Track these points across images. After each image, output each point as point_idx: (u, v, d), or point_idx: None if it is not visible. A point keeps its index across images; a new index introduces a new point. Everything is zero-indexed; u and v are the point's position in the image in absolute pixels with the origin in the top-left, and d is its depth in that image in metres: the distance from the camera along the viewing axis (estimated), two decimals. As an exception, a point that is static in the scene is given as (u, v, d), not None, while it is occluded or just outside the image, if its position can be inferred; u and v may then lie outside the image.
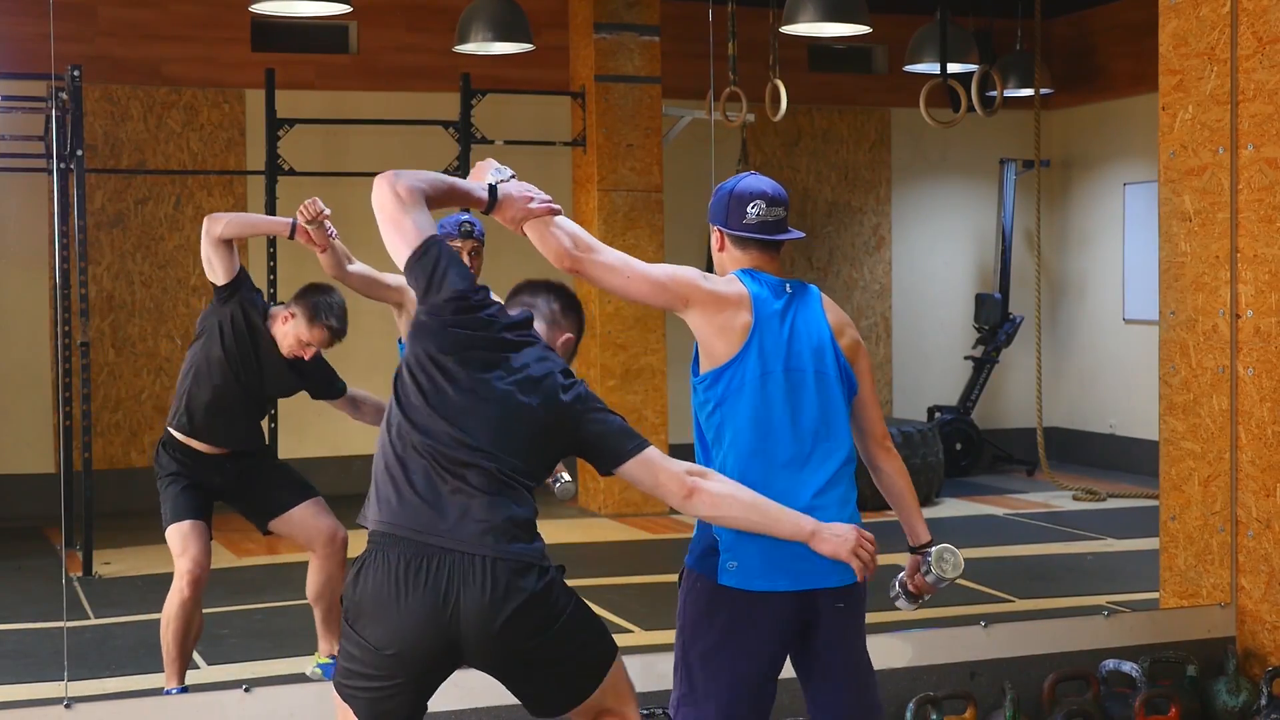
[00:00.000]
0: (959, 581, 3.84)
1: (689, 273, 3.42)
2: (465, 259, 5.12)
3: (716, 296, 3.39)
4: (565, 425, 3.16)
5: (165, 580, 7.25)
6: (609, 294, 3.63)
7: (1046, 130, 10.93)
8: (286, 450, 8.55)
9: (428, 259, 3.18)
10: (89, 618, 6.53)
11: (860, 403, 3.57)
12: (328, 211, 5.09)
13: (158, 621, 5.11)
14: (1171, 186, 5.40)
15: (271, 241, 8.68)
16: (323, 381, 5.28)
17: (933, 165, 11.55)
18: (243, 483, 5.20)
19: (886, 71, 11.34)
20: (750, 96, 8.98)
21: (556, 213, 3.35)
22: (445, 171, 8.99)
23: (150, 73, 9.52)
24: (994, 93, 9.60)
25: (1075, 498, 9.90)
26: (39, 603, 6.60)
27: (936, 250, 11.65)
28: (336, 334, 5.13)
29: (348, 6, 7.23)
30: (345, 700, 3.08)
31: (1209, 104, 5.25)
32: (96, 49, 9.22)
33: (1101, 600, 6.50)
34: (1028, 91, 10.44)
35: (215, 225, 5.05)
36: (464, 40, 8.43)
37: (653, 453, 3.21)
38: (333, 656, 5.14)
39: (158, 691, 5.04)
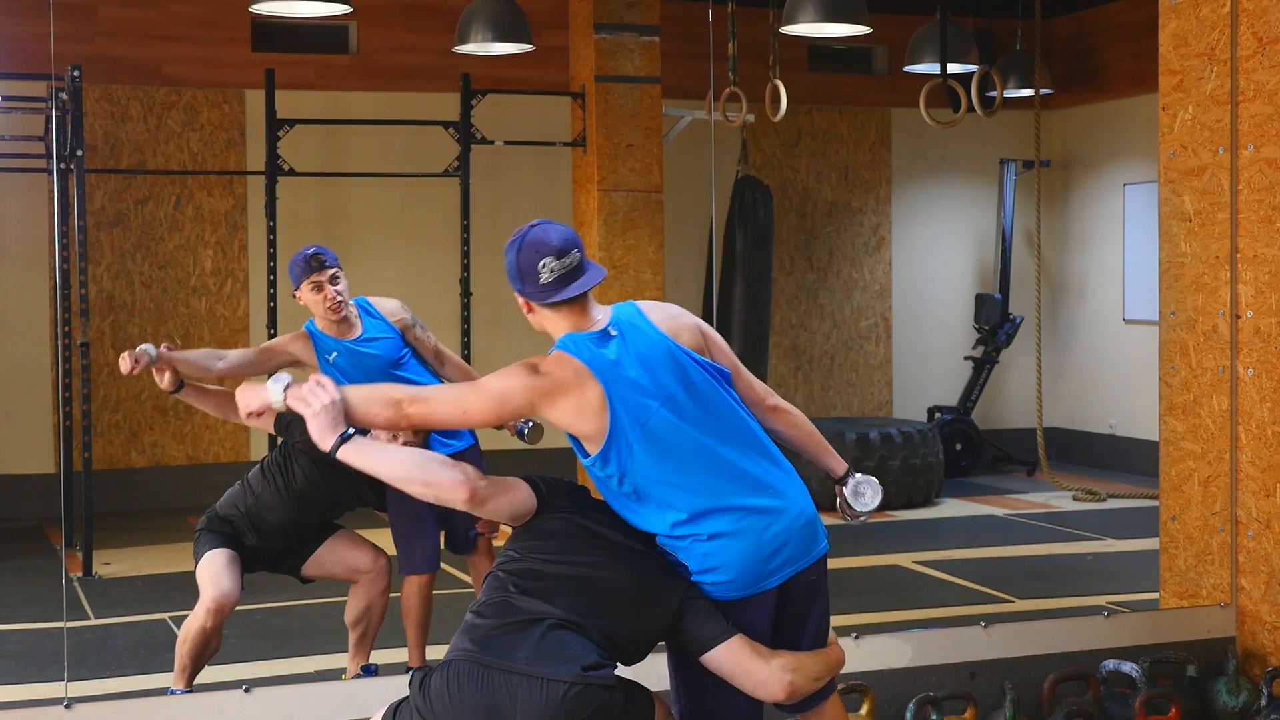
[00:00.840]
0: (959, 581, 3.83)
1: (518, 381, 3.30)
2: (324, 289, 5.00)
3: (555, 387, 3.29)
4: None
5: (165, 580, 7.29)
6: (607, 294, 3.64)
7: (1046, 130, 10.93)
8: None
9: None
10: (89, 618, 6.53)
11: (734, 378, 3.52)
12: (145, 352, 4.83)
13: (158, 622, 5.11)
14: (1171, 187, 5.40)
15: (271, 242, 8.68)
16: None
17: (933, 165, 11.55)
18: (278, 555, 5.10)
19: (886, 71, 11.34)
20: (750, 96, 8.98)
21: (337, 402, 3.24)
22: (445, 171, 9.03)
23: (150, 73, 9.53)
24: (994, 93, 9.60)
25: (1075, 498, 9.90)
26: (39, 603, 6.60)
27: (936, 250, 11.65)
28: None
29: (348, 6, 7.23)
30: None
31: (1209, 104, 5.25)
32: (96, 49, 9.22)
33: (1101, 600, 6.50)
34: (1028, 91, 10.45)
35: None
36: (464, 40, 8.43)
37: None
38: (365, 669, 5.12)
39: (158, 692, 5.03)
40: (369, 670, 5.10)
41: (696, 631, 3.29)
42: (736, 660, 3.28)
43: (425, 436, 4.76)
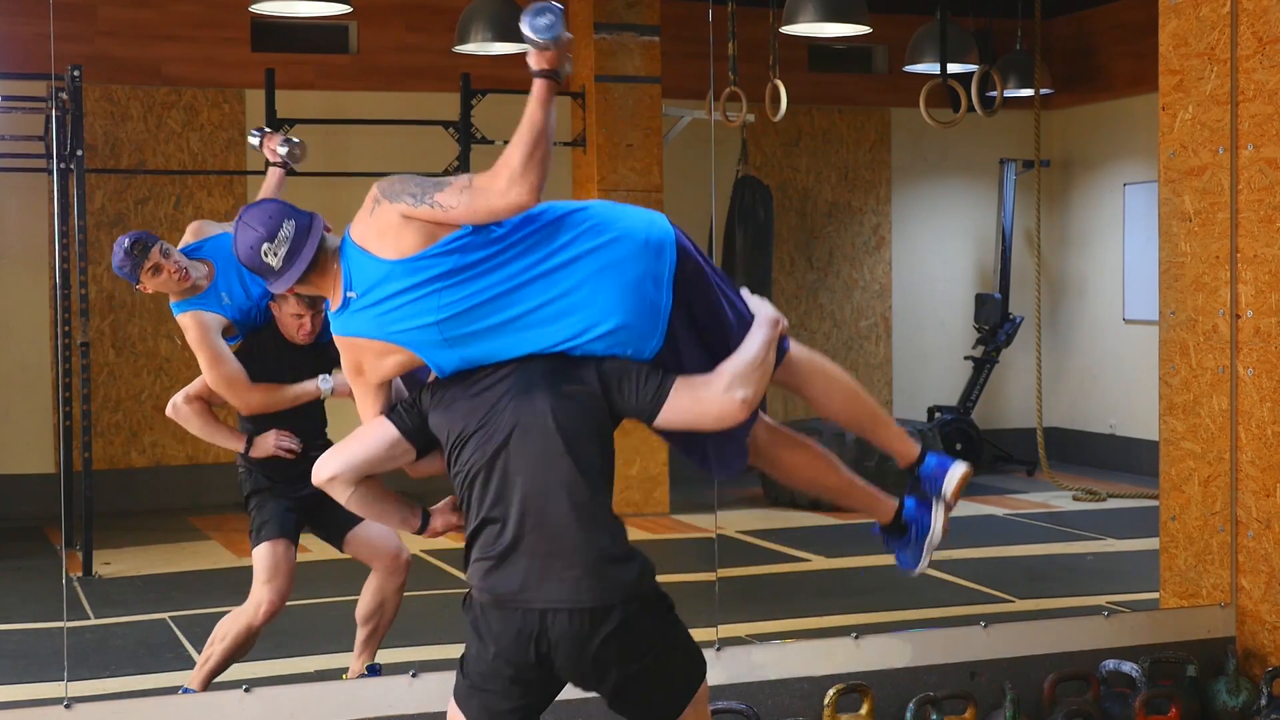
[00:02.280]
0: (959, 581, 3.82)
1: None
2: (164, 267, 4.73)
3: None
4: None
5: (165, 580, 7.29)
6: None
7: (1046, 130, 10.93)
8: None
9: None
10: (89, 618, 6.53)
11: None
12: None
13: (158, 622, 5.11)
14: (1171, 186, 5.40)
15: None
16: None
17: (933, 165, 11.55)
18: (320, 499, 5.07)
19: (886, 71, 11.34)
20: (750, 96, 8.98)
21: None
22: (445, 171, 9.03)
23: (150, 73, 9.52)
24: (994, 93, 9.60)
25: (1075, 498, 9.89)
26: (39, 603, 6.59)
27: (936, 250, 11.65)
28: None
29: (348, 6, 7.23)
30: None
31: (1209, 104, 5.25)
32: (96, 49, 9.22)
33: (1101, 600, 6.50)
34: (1028, 91, 10.44)
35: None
36: (464, 40, 8.42)
37: None
38: (370, 668, 5.10)
39: (158, 692, 5.04)
40: (373, 670, 5.09)
41: (635, 399, 3.18)
42: (685, 406, 3.17)
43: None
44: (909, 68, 9.83)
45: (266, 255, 3.18)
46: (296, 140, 5.09)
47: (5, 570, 7.66)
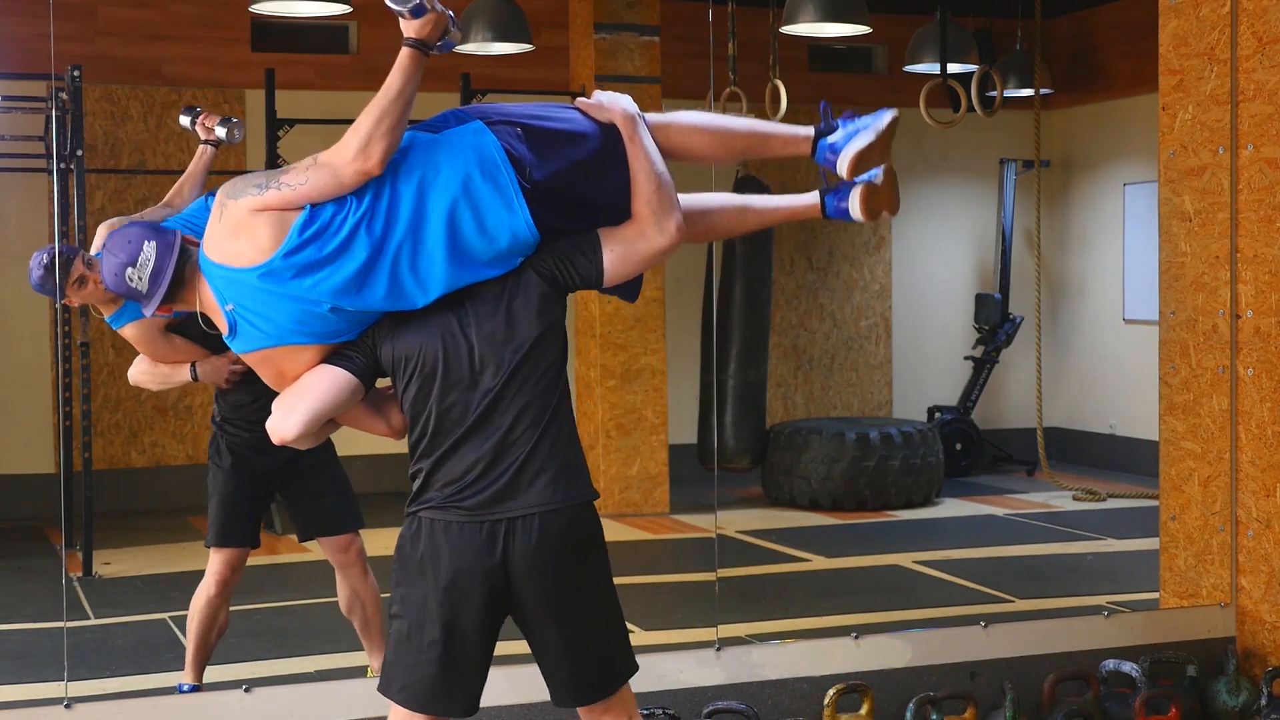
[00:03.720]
0: (959, 581, 3.82)
1: None
2: (88, 282, 4.66)
3: None
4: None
5: (165, 580, 7.29)
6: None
7: (1046, 130, 10.93)
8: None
9: None
10: (89, 618, 6.53)
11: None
12: None
13: (158, 622, 5.12)
14: (1171, 186, 5.40)
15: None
16: None
17: (933, 165, 11.55)
18: (294, 474, 5.01)
19: (886, 71, 11.34)
20: (750, 96, 8.98)
21: None
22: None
23: (150, 73, 9.52)
24: (994, 93, 9.60)
25: (1075, 498, 9.90)
26: (39, 603, 6.59)
27: (936, 250, 11.65)
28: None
29: (348, 6, 7.22)
30: None
31: (1209, 104, 5.25)
32: (96, 49, 9.22)
33: (1101, 600, 6.50)
34: (1028, 91, 10.44)
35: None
36: (464, 40, 8.42)
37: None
38: None
39: (158, 692, 5.04)
40: None
41: (578, 275, 3.19)
42: (626, 259, 3.20)
43: None
44: (909, 68, 9.83)
45: (131, 280, 3.14)
46: (236, 120, 5.09)
47: (5, 570, 7.66)
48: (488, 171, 3.11)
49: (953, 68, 9.36)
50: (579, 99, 3.30)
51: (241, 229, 3.06)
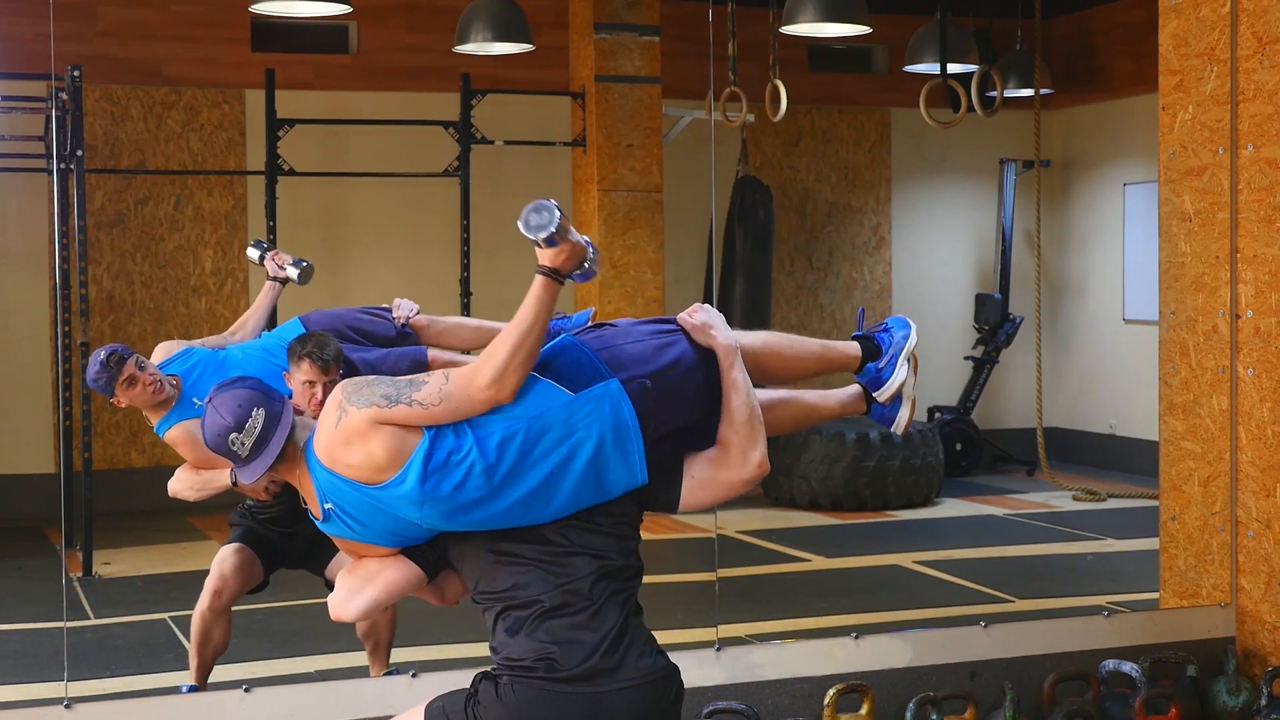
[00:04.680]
0: (959, 581, 3.83)
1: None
2: (139, 380, 4.78)
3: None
4: None
5: (165, 580, 7.29)
6: (607, 294, 3.56)
7: (1046, 130, 10.93)
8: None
9: None
10: (89, 618, 6.53)
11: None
12: None
13: (158, 622, 5.12)
14: (1171, 186, 5.40)
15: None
16: None
17: (933, 165, 11.55)
18: (315, 548, 5.07)
19: (886, 71, 11.34)
20: (750, 96, 8.98)
21: None
22: (445, 171, 9.04)
23: (150, 73, 9.52)
24: (994, 93, 9.60)
25: (1075, 498, 9.90)
26: (39, 603, 6.59)
27: (936, 250, 11.65)
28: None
29: (348, 6, 7.22)
30: None
31: (1209, 104, 5.25)
32: (96, 49, 9.22)
33: (1101, 600, 6.50)
34: (1028, 91, 10.45)
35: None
36: (464, 40, 8.42)
37: None
38: (391, 671, 5.09)
39: (158, 692, 5.04)
40: (392, 675, 5.08)
41: (655, 501, 3.24)
42: (705, 490, 3.25)
43: None
44: (909, 68, 9.83)
45: (234, 444, 3.13)
46: (307, 264, 5.12)
47: (5, 570, 7.66)
48: (619, 439, 3.14)
49: (953, 68, 9.36)
50: (685, 318, 3.33)
51: (356, 439, 3.03)
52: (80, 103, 7.87)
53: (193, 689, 4.89)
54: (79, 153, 7.77)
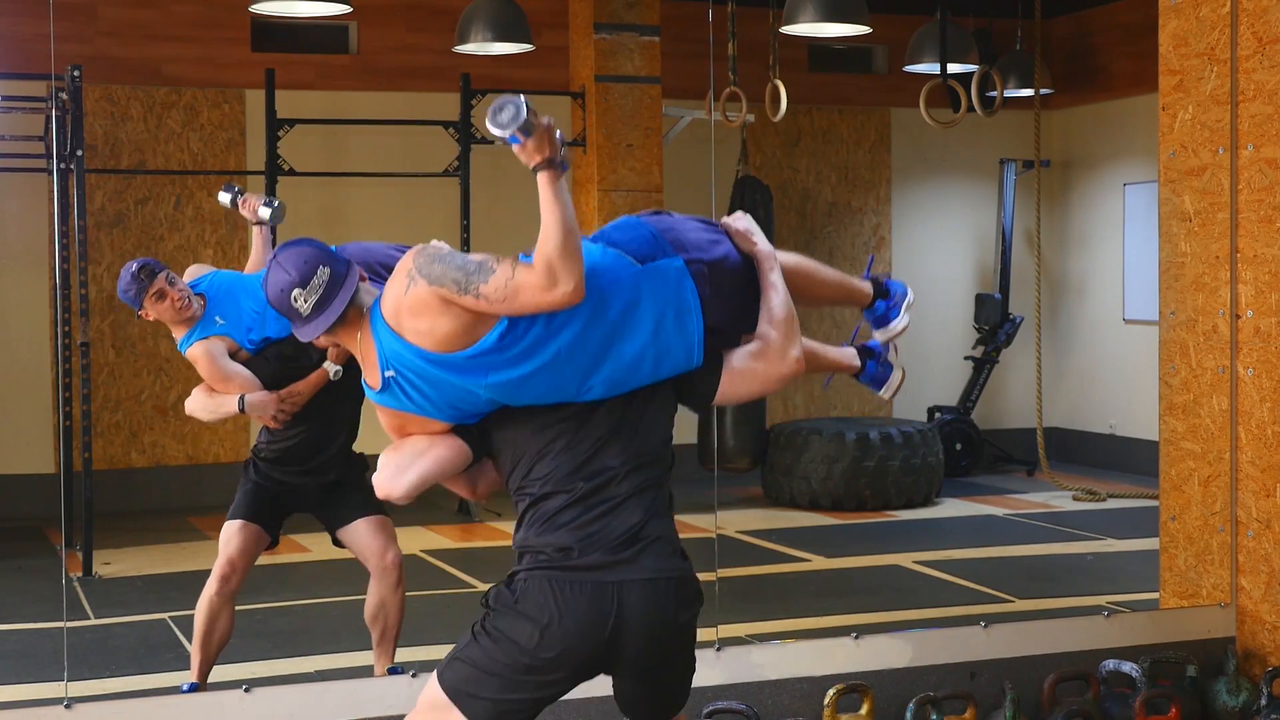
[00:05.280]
0: (959, 581, 3.83)
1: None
2: (168, 293, 4.85)
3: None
4: None
5: (165, 580, 7.29)
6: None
7: (1046, 130, 10.93)
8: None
9: None
10: (89, 618, 6.53)
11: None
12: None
13: (158, 622, 5.12)
14: (1171, 187, 5.40)
15: (272, 242, 8.67)
16: None
17: (933, 165, 11.55)
18: (326, 496, 5.10)
19: (886, 71, 11.34)
20: (750, 96, 8.98)
21: None
22: (445, 171, 9.04)
23: (150, 73, 9.52)
24: (994, 93, 9.60)
25: (1075, 498, 9.90)
26: (39, 603, 6.59)
27: (936, 250, 11.65)
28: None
29: (348, 6, 7.23)
30: None
31: (1209, 104, 5.25)
32: (96, 49, 9.22)
33: (1101, 600, 6.50)
34: (1028, 91, 10.45)
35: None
36: (464, 40, 8.42)
37: None
38: (394, 668, 5.08)
39: (158, 691, 5.04)
40: (394, 673, 5.06)
41: (693, 391, 3.28)
42: (742, 383, 3.29)
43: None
44: (909, 68, 9.83)
45: (296, 300, 3.12)
46: (279, 202, 5.15)
47: (5, 570, 7.66)
48: (681, 318, 3.18)
49: (953, 68, 9.36)
50: (729, 222, 3.42)
51: (425, 311, 3.03)
52: (80, 103, 7.88)
53: (194, 687, 4.89)
54: (79, 153, 7.77)
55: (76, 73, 7.78)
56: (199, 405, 4.97)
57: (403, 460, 3.18)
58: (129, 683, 5.46)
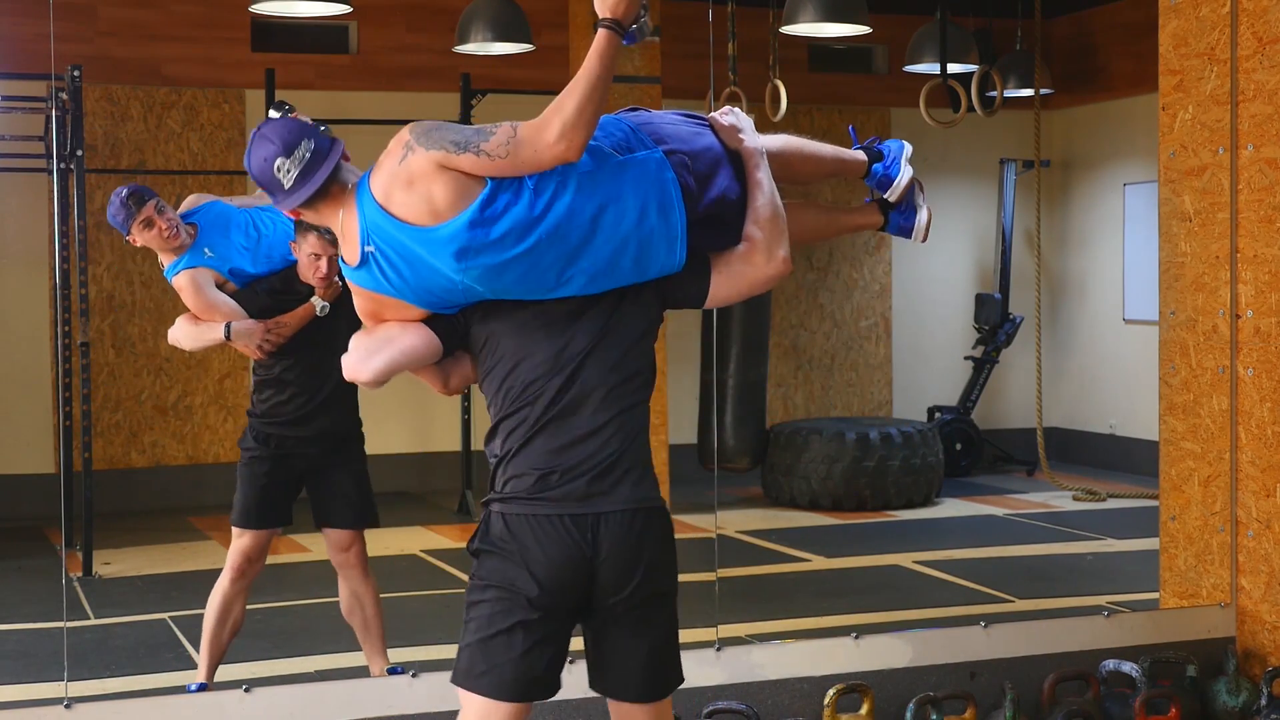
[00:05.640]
0: (959, 581, 3.83)
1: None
2: (156, 222, 4.85)
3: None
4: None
5: (165, 580, 7.29)
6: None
7: (1046, 130, 10.93)
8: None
9: None
10: (89, 618, 6.53)
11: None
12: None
13: (158, 622, 5.12)
14: (1171, 186, 5.40)
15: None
16: None
17: (933, 165, 11.53)
18: (323, 464, 5.08)
19: (886, 71, 11.34)
20: (750, 96, 8.97)
21: None
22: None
23: (150, 73, 9.53)
24: (994, 93, 9.60)
25: (1075, 498, 9.90)
26: (39, 603, 6.60)
27: (936, 250, 11.64)
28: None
29: (348, 6, 7.22)
30: None
31: (1209, 104, 5.25)
32: (96, 49, 9.22)
33: (1101, 600, 6.50)
34: (1028, 91, 10.44)
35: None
36: (464, 40, 8.42)
37: None
38: (394, 668, 5.09)
39: (158, 692, 5.04)
40: (394, 673, 5.06)
41: (683, 292, 3.23)
42: (732, 284, 3.24)
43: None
44: (909, 68, 9.82)
45: (279, 171, 3.06)
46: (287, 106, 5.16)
47: (5, 570, 7.66)
48: (664, 210, 3.12)
49: (953, 68, 9.36)
50: (715, 118, 3.34)
51: (419, 180, 2.98)
52: (80, 103, 7.88)
53: (202, 687, 4.89)
54: (79, 153, 7.78)
55: (76, 73, 7.78)
56: (184, 333, 4.94)
57: (372, 344, 3.14)
58: (129, 683, 5.47)
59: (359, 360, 3.14)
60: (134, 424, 9.51)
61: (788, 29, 8.28)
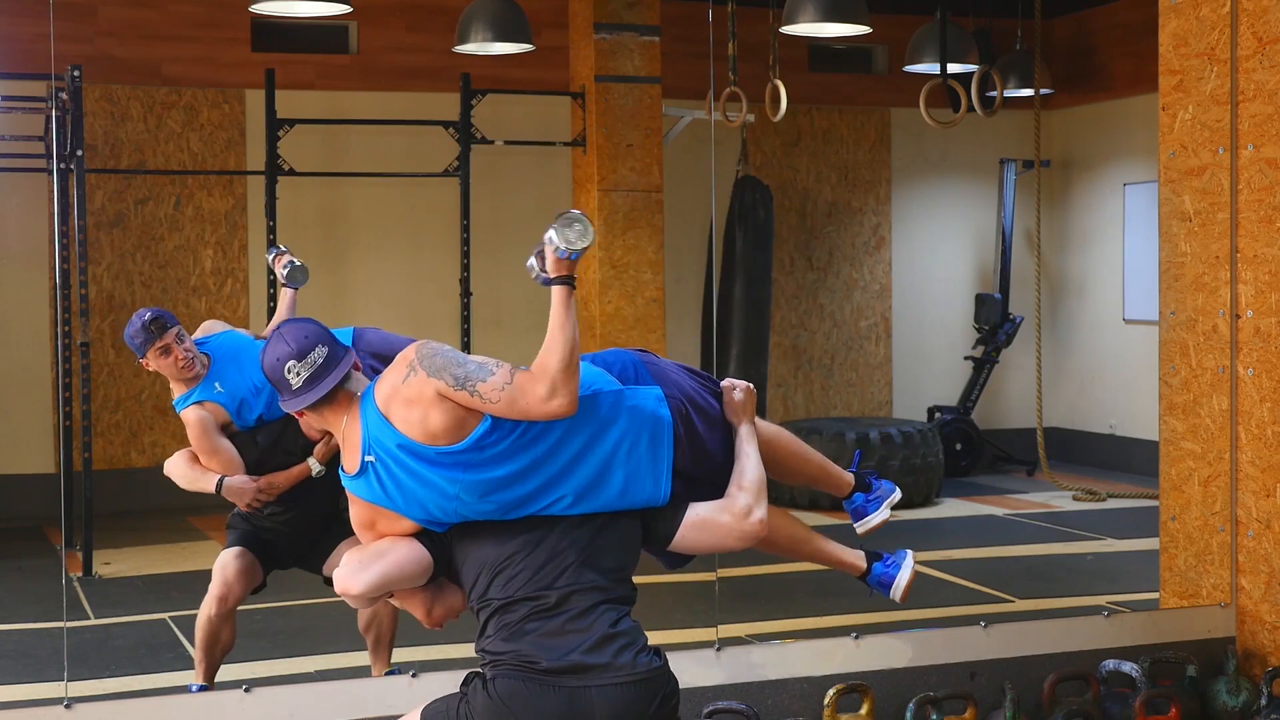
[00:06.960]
0: (959, 581, 3.84)
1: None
2: (173, 350, 4.81)
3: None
4: None
5: (165, 580, 7.29)
6: (606, 294, 3.66)
7: (1046, 130, 10.93)
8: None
9: None
10: (89, 618, 6.53)
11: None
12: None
13: (158, 622, 5.12)
14: (1171, 187, 5.40)
15: (272, 242, 8.69)
16: None
17: (933, 165, 11.55)
18: (312, 550, 5.12)
19: (886, 71, 11.34)
20: (750, 96, 8.97)
21: None
22: (445, 171, 9.03)
23: (150, 73, 9.52)
24: (994, 93, 9.60)
25: (1075, 498, 9.90)
26: (39, 603, 6.60)
27: (936, 250, 11.65)
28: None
29: (348, 6, 7.22)
30: None
31: (1209, 104, 5.25)
32: (96, 49, 9.22)
33: (1101, 600, 6.50)
34: (1028, 91, 10.45)
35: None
36: (464, 40, 8.42)
37: None
38: (393, 669, 5.09)
39: (158, 691, 5.04)
40: (394, 673, 5.07)
41: (664, 528, 3.34)
42: (702, 536, 3.35)
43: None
44: (909, 68, 9.82)
45: (289, 372, 3.20)
46: (298, 264, 5.25)
47: (5, 570, 7.66)
48: (654, 447, 3.28)
49: (953, 68, 9.36)
50: (730, 386, 3.55)
51: (419, 403, 3.12)
52: (80, 103, 7.88)
53: (203, 688, 4.89)
54: (79, 153, 7.77)
55: (76, 73, 7.78)
56: (179, 473, 4.96)
57: (365, 558, 3.24)
58: (129, 683, 5.47)
59: (351, 574, 3.22)
60: (134, 424, 9.50)
61: (788, 29, 8.28)
